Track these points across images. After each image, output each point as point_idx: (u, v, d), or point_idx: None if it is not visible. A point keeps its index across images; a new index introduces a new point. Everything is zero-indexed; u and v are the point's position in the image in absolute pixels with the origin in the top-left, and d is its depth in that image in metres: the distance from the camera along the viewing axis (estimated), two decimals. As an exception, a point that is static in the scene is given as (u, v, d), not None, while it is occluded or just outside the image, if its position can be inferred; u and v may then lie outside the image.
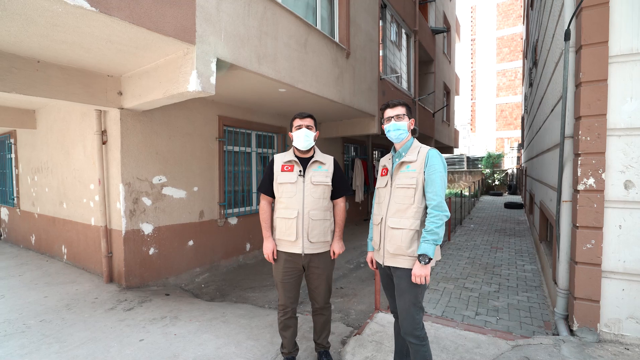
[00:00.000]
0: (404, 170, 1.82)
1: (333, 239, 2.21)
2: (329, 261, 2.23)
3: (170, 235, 4.24)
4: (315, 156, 2.19)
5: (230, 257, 5.12)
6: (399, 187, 1.81)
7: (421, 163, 1.77)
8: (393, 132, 1.87)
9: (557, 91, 3.39)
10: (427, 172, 1.75)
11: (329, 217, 2.20)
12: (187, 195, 4.44)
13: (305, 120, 2.14)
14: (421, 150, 1.82)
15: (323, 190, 2.13)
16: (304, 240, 2.10)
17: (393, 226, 1.80)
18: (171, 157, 4.25)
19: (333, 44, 4.98)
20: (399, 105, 1.88)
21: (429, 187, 1.74)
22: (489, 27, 24.16)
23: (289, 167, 2.14)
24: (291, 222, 2.10)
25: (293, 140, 2.17)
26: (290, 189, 2.10)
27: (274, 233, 2.21)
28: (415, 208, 1.76)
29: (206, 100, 4.68)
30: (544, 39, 4.77)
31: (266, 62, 3.66)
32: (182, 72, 2.98)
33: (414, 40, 8.93)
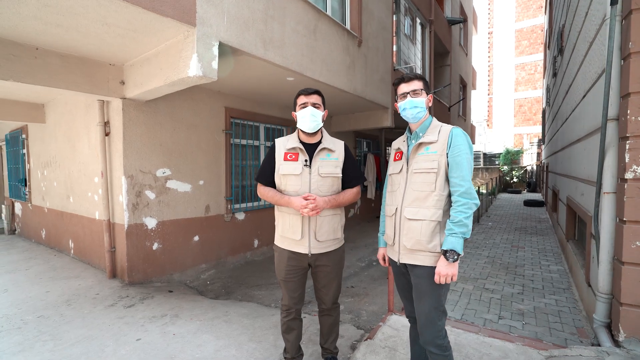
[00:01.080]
0: (423, 152, 1.58)
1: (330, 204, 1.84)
2: (340, 258, 2.00)
3: (174, 230, 4.11)
4: (323, 142, 1.92)
5: (237, 253, 4.97)
6: (417, 172, 1.57)
7: (443, 144, 1.54)
8: (409, 110, 1.61)
9: (591, 72, 3.07)
10: (451, 154, 1.51)
11: (339, 212, 1.96)
12: (192, 189, 4.30)
13: (312, 97, 1.86)
14: (442, 130, 1.59)
15: (332, 182, 1.88)
16: (310, 239, 1.85)
17: (411, 217, 1.56)
18: (175, 149, 4.11)
19: (344, 31, 4.74)
20: (415, 79, 1.63)
21: (453, 172, 1.50)
22: (508, 19, 23.32)
23: (292, 156, 1.87)
24: (296, 218, 1.84)
25: (297, 121, 1.90)
26: (295, 182, 1.84)
27: (277, 230, 1.98)
28: (437, 196, 1.52)
29: (212, 91, 4.53)
30: (574, 20, 4.40)
31: (272, 48, 3.46)
32: (182, 56, 2.81)
33: (429, 30, 8.58)
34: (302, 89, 1.91)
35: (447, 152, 1.52)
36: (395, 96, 1.71)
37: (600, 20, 2.68)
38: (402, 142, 1.74)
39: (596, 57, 2.90)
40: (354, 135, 8.08)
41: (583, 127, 3.48)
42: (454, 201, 1.49)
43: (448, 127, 1.59)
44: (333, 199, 1.86)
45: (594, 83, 2.96)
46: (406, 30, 7.73)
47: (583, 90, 3.52)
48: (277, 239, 1.99)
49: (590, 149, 3.06)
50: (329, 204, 1.83)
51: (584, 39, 3.49)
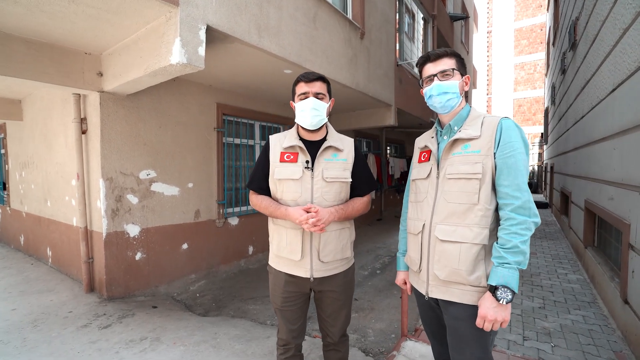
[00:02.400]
0: (460, 152, 1.21)
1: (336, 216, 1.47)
2: (349, 282, 1.62)
3: (160, 237, 3.73)
4: (328, 139, 1.56)
5: (230, 261, 4.59)
6: (452, 177, 1.21)
7: (489, 140, 1.17)
8: (437, 97, 1.24)
9: (625, 63, 2.74)
10: (501, 154, 1.15)
11: (348, 225, 1.59)
12: (180, 192, 3.92)
13: (314, 85, 1.49)
14: (487, 121, 1.21)
15: (339, 189, 1.52)
16: (312, 259, 1.49)
17: (445, 238, 1.20)
18: (162, 148, 3.73)
19: (346, 21, 4.39)
20: (444, 56, 1.25)
21: (504, 178, 1.14)
22: (507, 18, 23.11)
23: (291, 156, 1.52)
24: (294, 233, 1.48)
25: (296, 115, 1.54)
26: (294, 189, 1.49)
27: (271, 248, 1.62)
28: (482, 210, 1.16)
29: (202, 85, 4.16)
30: (594, 10, 4.08)
31: (268, 35, 3.10)
32: (164, 41, 2.44)
33: (432, 25, 8.25)
34: (303, 75, 1.52)
35: (495, 152, 1.16)
36: (419, 80, 1.35)
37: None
38: (430, 139, 1.36)
39: (634, 45, 2.57)
40: (354, 134, 7.73)
41: (612, 124, 3.15)
42: (505, 218, 1.12)
43: (494, 119, 1.21)
44: (341, 209, 1.49)
45: (630, 75, 2.63)
46: (408, 24, 7.39)
47: (611, 84, 3.19)
48: (272, 258, 1.62)
49: (625, 148, 2.73)
50: (336, 216, 1.47)
51: (613, 28, 3.17)
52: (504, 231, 1.11)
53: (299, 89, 1.52)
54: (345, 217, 1.52)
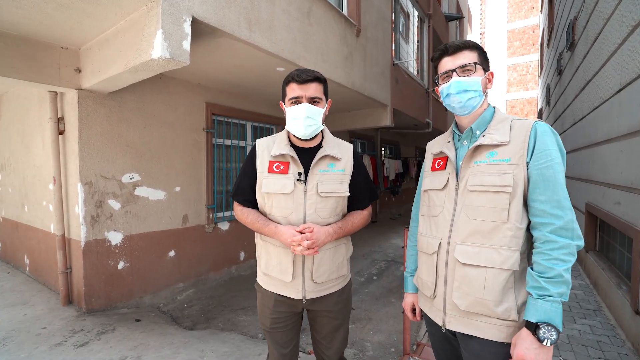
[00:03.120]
0: (485, 160, 1.04)
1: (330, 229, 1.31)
2: (346, 300, 1.45)
3: (145, 245, 3.50)
4: (324, 146, 1.36)
5: (221, 268, 4.38)
6: (475, 190, 1.04)
7: (520, 147, 0.99)
8: (455, 96, 1.07)
9: (636, 62, 2.61)
10: (536, 164, 0.97)
11: (344, 240, 1.42)
12: (166, 196, 3.70)
13: (308, 88, 1.27)
14: (517, 125, 1.03)
15: (335, 204, 1.34)
16: (305, 280, 1.32)
17: (467, 261, 1.02)
18: (147, 150, 3.51)
19: (341, 17, 4.22)
20: (465, 48, 1.08)
21: (540, 192, 0.96)
22: (500, 19, 23.23)
23: (281, 167, 1.32)
24: (285, 253, 1.31)
25: (287, 120, 1.34)
26: (284, 204, 1.30)
27: (259, 265, 1.44)
28: (512, 230, 0.98)
29: (190, 83, 3.94)
30: (595, 8, 3.98)
31: (259, 30, 2.91)
32: (145, 34, 2.23)
33: (428, 25, 8.14)
34: (295, 73, 1.28)
35: (528, 161, 0.98)
36: (435, 77, 1.18)
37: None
38: (446, 144, 1.18)
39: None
40: (349, 135, 7.57)
41: (618, 125, 3.03)
42: (543, 241, 0.94)
43: (526, 122, 1.03)
44: (338, 228, 1.33)
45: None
46: (403, 24, 7.27)
47: (617, 84, 3.08)
48: (260, 276, 1.44)
49: (635, 150, 2.60)
50: (333, 237, 1.31)
51: (619, 26, 3.05)
52: (543, 256, 0.93)
53: (291, 92, 1.30)
54: (343, 235, 1.36)
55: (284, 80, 1.36)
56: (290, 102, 1.30)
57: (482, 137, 1.06)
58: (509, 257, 0.98)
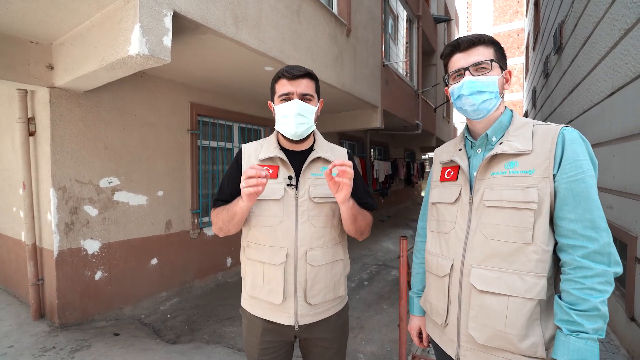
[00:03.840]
0: (503, 171, 0.92)
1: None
2: (343, 325, 1.31)
3: (125, 253, 3.31)
4: (316, 149, 1.25)
5: (207, 275, 4.21)
6: (494, 205, 0.92)
7: (546, 157, 0.87)
8: (468, 97, 0.95)
9: (629, 65, 2.59)
10: (565, 178, 0.85)
11: (341, 255, 1.27)
12: (148, 201, 3.51)
13: (300, 84, 1.16)
14: (540, 131, 0.91)
15: (331, 211, 1.21)
16: (297, 301, 1.17)
17: (485, 288, 0.90)
18: (127, 153, 3.32)
19: (331, 16, 4.11)
20: (480, 43, 0.96)
21: (570, 210, 0.84)
22: (486, 23, 23.62)
23: (269, 171, 1.18)
24: (275, 269, 1.16)
25: (276, 120, 1.22)
26: (273, 211, 1.18)
27: (244, 286, 1.29)
28: (538, 252, 0.86)
29: (174, 82, 3.76)
30: (584, 12, 3.99)
31: (246, 27, 2.77)
32: (121, 28, 2.07)
33: (417, 26, 8.13)
34: (285, 69, 1.18)
35: (555, 174, 0.86)
36: (444, 76, 1.06)
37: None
38: (457, 152, 1.06)
39: (639, 45, 2.42)
40: (338, 136, 7.47)
41: (610, 129, 3.02)
42: (575, 266, 0.82)
43: (552, 128, 0.90)
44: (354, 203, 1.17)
45: (635, 78, 2.48)
46: (391, 25, 7.22)
47: (609, 88, 3.07)
48: (245, 299, 1.29)
49: (629, 154, 2.58)
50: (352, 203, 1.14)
51: (611, 29, 3.04)
52: (575, 285, 0.81)
53: (280, 88, 1.19)
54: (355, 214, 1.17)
55: (273, 78, 1.24)
56: (280, 99, 1.19)
57: (499, 144, 0.94)
58: (535, 285, 0.86)
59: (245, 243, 1.26)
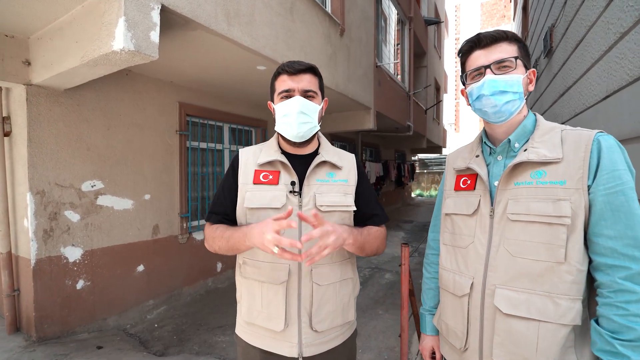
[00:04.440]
0: (530, 181, 0.84)
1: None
2: (352, 354, 1.18)
3: (109, 260, 3.14)
4: (322, 152, 1.14)
5: (196, 281, 4.05)
6: (520, 219, 0.83)
7: (579, 166, 0.79)
8: (490, 98, 0.86)
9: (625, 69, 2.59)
10: (602, 190, 0.77)
11: (351, 274, 1.14)
12: (134, 205, 3.35)
13: (302, 79, 1.05)
14: (570, 137, 0.83)
15: (340, 221, 1.09)
16: (301, 328, 1.04)
17: (512, 311, 0.82)
18: (111, 155, 3.15)
19: (325, 15, 4.03)
20: (502, 39, 0.87)
21: (608, 226, 0.76)
22: (473, 26, 23.99)
23: (269, 176, 1.09)
24: (275, 290, 1.03)
25: (276, 120, 1.10)
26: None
27: (240, 311, 1.15)
28: (572, 272, 0.78)
29: (162, 81, 3.61)
30: (576, 15, 4.01)
31: (239, 24, 2.66)
32: (105, 22, 1.93)
33: (409, 28, 8.13)
34: (286, 64, 1.07)
35: (590, 185, 0.78)
36: (462, 75, 0.97)
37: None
38: (475, 158, 0.97)
39: (637, 49, 2.41)
40: (330, 138, 7.39)
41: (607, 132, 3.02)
42: (615, 289, 0.74)
43: (584, 134, 0.82)
44: (358, 232, 1.05)
45: (633, 81, 2.48)
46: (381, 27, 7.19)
47: (604, 92, 3.06)
48: (241, 326, 1.15)
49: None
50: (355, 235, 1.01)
51: (605, 33, 3.04)
52: (616, 310, 0.73)
53: (281, 84, 1.08)
54: (363, 243, 1.05)
55: (273, 75, 1.12)
56: (280, 96, 1.07)
57: (523, 151, 0.86)
58: (569, 309, 0.77)
59: (242, 260, 1.13)
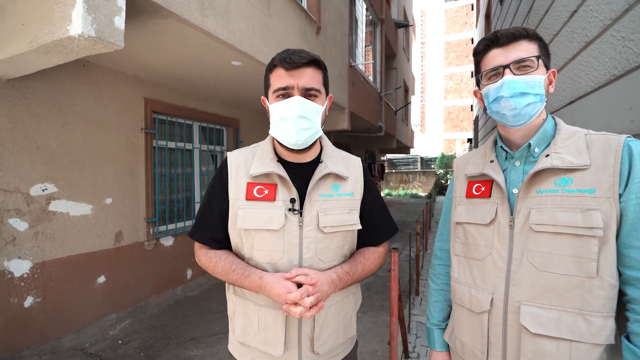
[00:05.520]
0: (555, 189, 0.78)
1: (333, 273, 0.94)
2: None
3: (64, 272, 2.81)
4: (325, 160, 0.99)
5: (164, 290, 3.78)
6: (546, 230, 0.77)
7: (610, 174, 0.74)
8: (510, 100, 0.80)
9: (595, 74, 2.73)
10: (632, 198, 0.72)
11: (354, 289, 1.06)
12: (94, 210, 3.03)
13: (303, 74, 0.90)
14: (598, 143, 0.77)
15: (343, 241, 0.99)
16: (302, 353, 0.94)
17: (541, 331, 0.76)
18: (66, 155, 2.82)
19: (302, 12, 3.92)
20: (523, 37, 0.81)
21: (638, 236, 0.71)
22: (438, 31, 24.98)
23: (265, 191, 0.95)
24: (274, 315, 0.93)
25: (271, 122, 0.96)
26: (271, 245, 0.94)
27: (232, 330, 1.03)
28: (604, 288, 0.73)
29: (125, 75, 3.30)
30: (540, 23, 4.23)
31: (214, 15, 2.47)
32: (59, 2, 1.68)
33: (381, 30, 8.23)
34: (283, 55, 0.90)
35: (621, 194, 0.73)
36: (479, 75, 0.90)
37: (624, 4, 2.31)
38: (489, 164, 0.90)
39: (601, 57, 2.55)
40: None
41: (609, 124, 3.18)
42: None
43: (612, 139, 0.76)
44: (345, 273, 0.96)
45: (602, 86, 2.62)
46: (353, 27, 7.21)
47: (569, 97, 3.23)
48: (234, 345, 1.03)
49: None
50: (338, 286, 0.94)
51: (569, 42, 3.21)
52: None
53: (277, 80, 0.92)
54: (351, 283, 0.99)
55: (267, 66, 0.97)
56: (276, 95, 0.92)
57: (544, 157, 0.80)
58: (603, 327, 0.72)
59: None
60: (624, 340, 0.74)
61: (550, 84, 0.85)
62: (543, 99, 0.82)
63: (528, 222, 0.80)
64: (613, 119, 2.32)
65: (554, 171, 0.79)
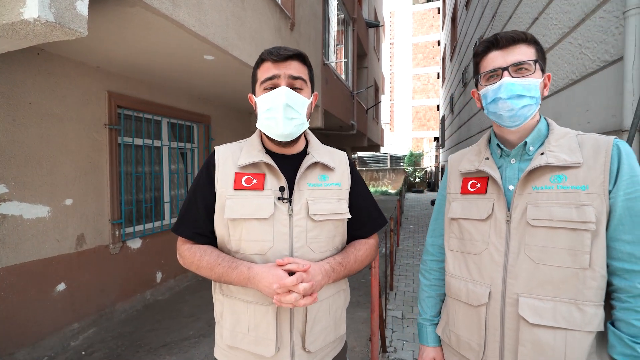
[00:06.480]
0: (550, 185, 0.82)
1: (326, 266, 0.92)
2: None
3: (18, 281, 2.57)
4: (311, 151, 1.01)
5: (132, 295, 3.57)
6: (543, 225, 0.81)
7: (600, 171, 0.79)
8: (507, 101, 0.84)
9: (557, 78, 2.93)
10: (622, 195, 0.78)
11: (344, 285, 1.06)
12: (52, 212, 2.80)
13: (289, 66, 0.93)
14: (589, 142, 0.83)
15: (334, 231, 0.99)
16: (294, 352, 0.93)
17: (540, 321, 0.80)
18: (18, 152, 2.57)
19: (276, 7, 3.85)
20: (521, 41, 0.85)
21: (627, 231, 0.77)
22: (406, 33, 25.69)
23: (253, 180, 0.94)
24: (264, 311, 0.91)
25: (258, 116, 0.97)
26: (260, 234, 0.92)
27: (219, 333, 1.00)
28: (596, 279, 0.78)
29: (86, 66, 3.07)
30: (504, 29, 4.47)
31: (186, 6, 2.36)
32: (12, -16, 1.52)
33: (352, 29, 8.30)
34: (269, 50, 0.94)
35: (611, 190, 0.78)
36: (477, 76, 0.93)
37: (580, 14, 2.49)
38: (485, 161, 0.94)
39: (567, 59, 2.74)
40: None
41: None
42: (634, 294, 0.76)
43: (601, 140, 0.82)
44: (338, 264, 0.95)
45: (560, 89, 2.81)
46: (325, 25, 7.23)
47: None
48: (221, 349, 1.00)
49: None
50: (332, 277, 0.93)
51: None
52: (636, 315, 0.74)
53: (264, 72, 0.93)
54: (344, 276, 0.99)
55: (255, 63, 0.98)
56: (263, 87, 0.93)
57: (540, 155, 0.85)
58: (595, 316, 0.77)
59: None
60: (609, 326, 0.79)
61: (545, 87, 0.89)
62: (538, 102, 0.86)
63: (525, 217, 0.84)
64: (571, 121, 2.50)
65: (549, 168, 0.83)
